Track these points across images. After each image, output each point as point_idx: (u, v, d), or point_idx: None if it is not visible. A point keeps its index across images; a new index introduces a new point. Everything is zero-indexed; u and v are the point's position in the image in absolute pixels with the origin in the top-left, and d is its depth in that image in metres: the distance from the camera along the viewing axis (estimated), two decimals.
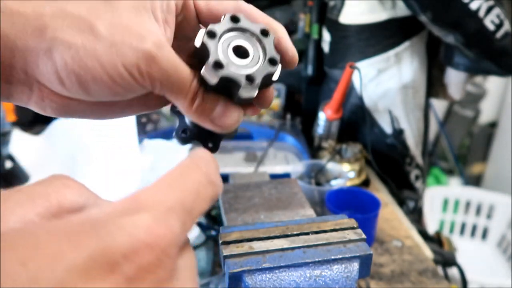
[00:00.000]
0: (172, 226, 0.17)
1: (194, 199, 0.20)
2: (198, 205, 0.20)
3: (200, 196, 0.20)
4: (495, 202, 1.74)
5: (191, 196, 0.19)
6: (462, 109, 2.20)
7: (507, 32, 0.88)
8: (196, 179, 0.21)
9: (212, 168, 0.23)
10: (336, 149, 0.95)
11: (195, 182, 0.20)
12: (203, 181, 0.21)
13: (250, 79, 0.30)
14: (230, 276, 0.32)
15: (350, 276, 0.34)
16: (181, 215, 0.18)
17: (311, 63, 1.13)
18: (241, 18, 0.32)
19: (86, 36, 0.27)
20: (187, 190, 0.20)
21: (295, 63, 0.33)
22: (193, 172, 0.21)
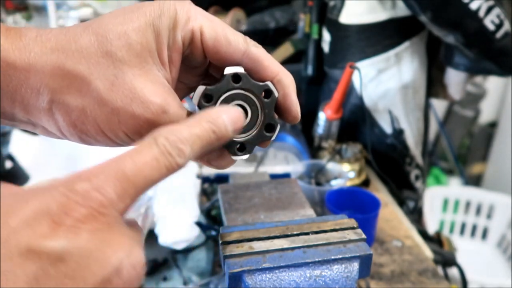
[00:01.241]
0: (105, 191, 0.20)
1: (140, 168, 0.21)
2: (144, 175, 0.22)
3: (148, 166, 0.22)
4: (495, 202, 1.74)
5: (135, 167, 0.21)
6: (462, 109, 2.20)
7: (507, 32, 0.88)
8: (147, 152, 0.22)
9: (180, 137, 0.23)
10: (336, 149, 0.95)
11: (144, 155, 0.22)
12: (155, 153, 0.22)
13: (241, 148, 0.32)
14: (230, 276, 0.32)
15: (350, 276, 0.34)
16: (118, 183, 0.21)
17: (311, 63, 1.13)
18: (243, 77, 0.31)
19: (87, 100, 0.27)
20: (133, 162, 0.21)
21: (297, 121, 0.33)
22: (146, 147, 0.22)
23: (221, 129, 0.25)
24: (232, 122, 0.26)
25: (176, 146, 0.23)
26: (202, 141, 0.24)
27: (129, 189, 0.21)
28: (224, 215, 0.45)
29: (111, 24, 0.27)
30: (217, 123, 0.25)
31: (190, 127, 0.24)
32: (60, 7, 1.33)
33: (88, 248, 0.19)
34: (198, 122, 0.25)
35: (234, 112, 0.27)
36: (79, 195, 0.19)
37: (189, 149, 0.23)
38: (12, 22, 1.32)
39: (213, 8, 1.48)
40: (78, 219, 0.19)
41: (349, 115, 1.06)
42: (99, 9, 1.35)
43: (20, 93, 0.26)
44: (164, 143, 0.23)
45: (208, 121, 0.25)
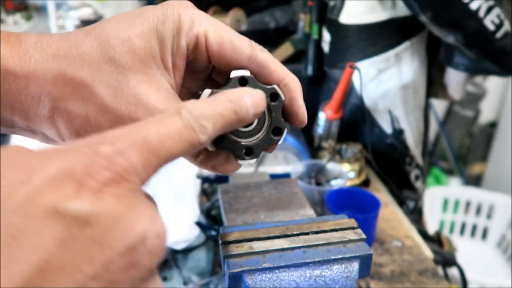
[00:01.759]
0: (129, 158, 0.19)
1: (163, 139, 0.21)
2: (167, 146, 0.21)
3: (172, 137, 0.21)
4: (495, 202, 1.74)
5: (159, 137, 0.21)
6: (462, 109, 2.20)
7: (507, 32, 0.88)
8: (170, 123, 0.21)
9: (203, 112, 0.23)
10: (336, 149, 0.95)
11: (167, 126, 0.21)
12: (178, 125, 0.21)
13: (248, 152, 0.31)
14: (230, 276, 0.32)
15: (350, 276, 0.34)
16: (142, 151, 0.20)
17: (311, 63, 1.13)
18: (250, 80, 0.30)
19: (90, 107, 0.26)
20: (157, 131, 0.21)
21: (303, 125, 0.33)
22: (169, 117, 0.22)
23: (243, 110, 0.25)
24: (254, 104, 0.25)
25: (199, 121, 0.22)
26: (224, 120, 0.24)
27: (152, 159, 0.20)
28: (224, 215, 0.45)
29: (113, 29, 0.27)
30: (240, 103, 0.24)
31: (213, 104, 0.23)
32: (60, 7, 1.33)
33: (113, 213, 0.18)
34: (221, 101, 0.24)
35: (257, 95, 0.26)
36: (103, 158, 0.19)
37: (211, 126, 0.23)
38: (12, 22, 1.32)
39: (213, 8, 1.48)
40: (102, 182, 0.18)
41: (349, 115, 1.06)
42: (99, 9, 1.35)
43: (20, 100, 0.26)
44: (187, 117, 0.22)
45: (231, 100, 0.24)
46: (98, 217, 0.17)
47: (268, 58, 0.31)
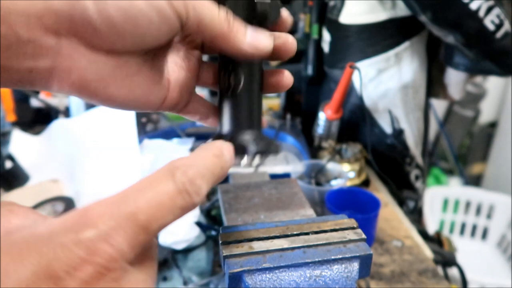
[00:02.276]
0: (115, 241, 0.18)
1: (154, 212, 0.19)
2: (158, 218, 0.19)
3: (164, 208, 0.19)
4: (495, 202, 1.74)
5: (149, 210, 0.19)
6: (462, 109, 2.20)
7: (507, 32, 0.88)
8: (162, 190, 0.20)
9: (198, 172, 0.21)
10: (336, 149, 0.95)
11: (159, 194, 0.19)
12: (171, 191, 0.20)
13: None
14: (230, 276, 0.32)
15: (350, 276, 0.34)
16: (130, 231, 0.18)
17: (311, 63, 1.13)
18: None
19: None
20: (146, 203, 0.19)
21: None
22: (161, 182, 0.20)
23: (227, 164, 0.24)
24: (231, 157, 0.25)
25: (195, 183, 0.20)
26: (214, 177, 0.23)
27: (141, 237, 0.19)
28: (224, 215, 0.45)
29: None
30: (224, 158, 0.24)
31: (205, 161, 0.22)
32: None
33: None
34: (208, 157, 0.23)
35: (229, 146, 0.26)
36: (84, 249, 0.17)
37: (205, 186, 0.21)
38: None
39: None
40: (83, 279, 0.17)
41: (349, 115, 1.06)
42: None
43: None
44: (182, 179, 0.20)
45: (216, 155, 0.24)
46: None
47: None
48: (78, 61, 0.26)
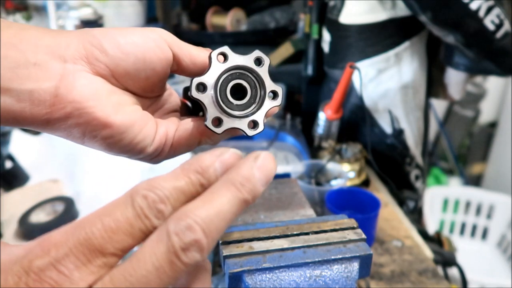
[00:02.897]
0: (66, 267, 0.18)
1: (109, 236, 0.19)
2: (114, 242, 0.19)
3: (120, 231, 0.19)
4: (495, 202, 1.74)
5: (104, 236, 0.19)
6: (462, 109, 2.20)
7: (507, 32, 0.88)
8: (120, 214, 0.20)
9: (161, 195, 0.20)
10: (336, 149, 0.95)
11: (116, 218, 0.20)
12: (129, 216, 0.20)
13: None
14: (230, 276, 0.32)
15: (350, 276, 0.33)
16: (82, 256, 0.19)
17: (311, 63, 1.13)
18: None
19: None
20: (101, 229, 0.19)
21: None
22: (120, 207, 0.20)
23: (211, 179, 0.22)
24: (223, 167, 0.23)
25: (154, 207, 0.20)
26: (186, 197, 0.21)
27: (95, 259, 0.19)
28: None
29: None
30: (208, 174, 0.22)
31: (175, 180, 0.21)
32: (60, 7, 1.32)
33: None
34: (186, 174, 0.22)
35: (230, 156, 0.23)
36: (34, 276, 0.18)
37: (169, 209, 0.20)
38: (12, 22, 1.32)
39: (213, 8, 1.48)
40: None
41: (349, 115, 1.06)
42: (99, 9, 1.35)
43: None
44: (141, 204, 0.20)
45: (197, 172, 0.22)
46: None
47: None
48: (80, 80, 0.29)
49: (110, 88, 0.31)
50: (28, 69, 0.27)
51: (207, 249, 0.19)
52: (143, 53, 0.31)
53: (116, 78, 0.31)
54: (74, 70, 0.29)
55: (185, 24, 1.53)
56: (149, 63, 0.32)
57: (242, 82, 0.32)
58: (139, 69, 0.31)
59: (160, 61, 0.32)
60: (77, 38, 0.30)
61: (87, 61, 0.30)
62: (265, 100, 0.32)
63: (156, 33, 0.32)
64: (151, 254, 0.19)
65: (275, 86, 0.32)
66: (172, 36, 0.33)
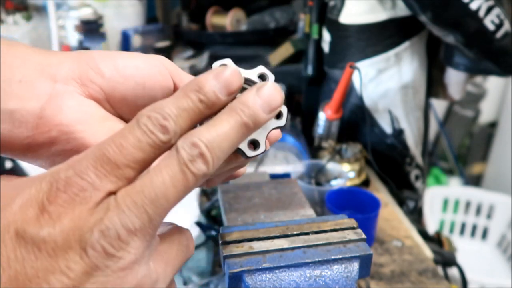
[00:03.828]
0: (87, 175, 0.21)
1: (119, 150, 0.21)
2: (124, 154, 0.22)
3: (129, 147, 0.22)
4: (495, 202, 1.74)
5: (116, 149, 0.21)
6: (462, 109, 2.20)
7: (507, 32, 0.88)
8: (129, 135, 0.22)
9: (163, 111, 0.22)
10: (336, 149, 0.95)
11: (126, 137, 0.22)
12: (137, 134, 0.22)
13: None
14: (230, 276, 0.32)
15: (350, 276, 0.34)
16: (98, 166, 0.21)
17: (311, 63, 1.13)
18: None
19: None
20: (113, 144, 0.22)
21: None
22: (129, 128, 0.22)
23: (210, 97, 0.24)
24: (223, 85, 0.24)
25: (158, 123, 0.22)
26: (189, 114, 0.23)
27: (111, 170, 0.21)
28: (224, 215, 0.45)
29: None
30: (205, 90, 0.23)
31: (177, 100, 0.23)
32: (60, 7, 1.33)
33: (67, 231, 0.20)
34: (185, 93, 0.23)
35: (226, 72, 0.24)
36: (62, 182, 0.21)
37: (172, 124, 0.22)
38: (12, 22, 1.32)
39: (213, 8, 1.48)
40: (60, 204, 0.20)
41: (349, 115, 1.06)
42: (99, 9, 1.35)
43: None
44: (145, 122, 0.22)
45: (195, 90, 0.23)
46: (53, 236, 0.20)
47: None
48: (69, 101, 0.28)
49: (102, 113, 0.29)
50: (11, 86, 0.26)
51: (212, 164, 0.22)
52: (144, 78, 0.30)
53: (110, 103, 0.30)
54: (64, 91, 0.27)
55: (185, 24, 1.53)
56: (149, 90, 0.30)
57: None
58: (137, 95, 0.30)
59: (161, 89, 0.31)
60: (72, 58, 0.28)
61: (80, 83, 0.28)
62: (272, 120, 0.29)
63: (159, 61, 0.31)
64: (165, 166, 0.22)
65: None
66: (174, 65, 0.32)
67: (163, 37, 1.48)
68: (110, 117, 0.30)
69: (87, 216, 0.20)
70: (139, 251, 0.21)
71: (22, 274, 0.19)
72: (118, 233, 0.20)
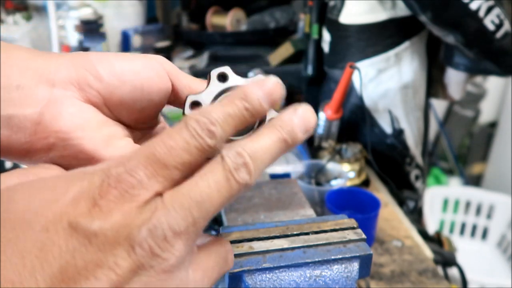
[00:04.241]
0: (136, 173, 0.21)
1: (169, 152, 0.22)
2: (173, 156, 0.22)
3: (178, 149, 0.22)
4: (495, 202, 1.74)
5: (165, 150, 0.22)
6: (462, 109, 2.20)
7: (507, 32, 0.88)
8: (176, 134, 0.22)
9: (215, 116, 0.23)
10: (336, 149, 0.95)
11: (175, 139, 0.22)
12: (186, 136, 0.22)
13: None
14: (230, 276, 0.32)
15: (350, 276, 0.34)
16: (149, 166, 0.21)
17: (311, 63, 1.13)
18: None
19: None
20: (163, 145, 0.22)
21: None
22: (176, 129, 0.23)
23: (255, 105, 0.25)
24: (266, 95, 0.25)
25: (206, 128, 0.22)
26: (235, 120, 0.24)
27: (159, 170, 0.21)
28: (224, 215, 0.45)
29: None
30: (251, 99, 0.24)
31: (223, 107, 0.24)
32: (60, 7, 1.33)
33: (118, 226, 0.20)
34: (232, 101, 0.24)
35: (269, 83, 0.25)
36: (113, 178, 0.21)
37: (219, 130, 0.23)
38: (12, 22, 1.32)
39: (213, 8, 1.48)
40: (111, 200, 0.21)
41: (349, 115, 1.06)
42: (99, 9, 1.35)
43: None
44: (194, 126, 0.22)
45: (241, 98, 0.24)
46: (104, 229, 0.20)
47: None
48: (68, 107, 0.28)
49: (101, 118, 0.29)
50: (9, 92, 0.26)
51: (254, 174, 0.23)
52: (141, 82, 0.30)
53: (109, 107, 0.30)
54: (63, 96, 0.27)
55: (185, 24, 1.53)
56: (147, 93, 0.30)
57: None
58: (135, 99, 0.30)
59: (159, 92, 0.31)
60: (70, 62, 0.28)
61: (78, 87, 0.28)
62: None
63: (157, 62, 0.31)
64: (210, 172, 0.22)
65: (275, 113, 0.30)
66: (173, 66, 0.32)
67: (163, 37, 1.48)
68: (108, 122, 0.30)
69: (136, 214, 0.21)
70: (182, 255, 0.21)
71: (72, 265, 0.19)
72: (164, 233, 0.20)
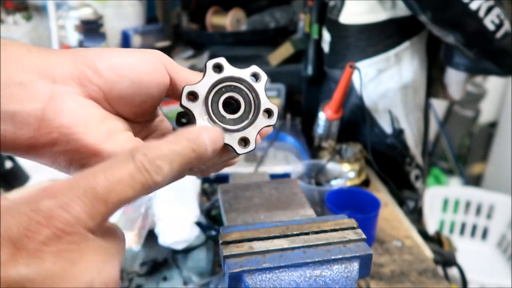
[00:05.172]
0: (73, 209, 0.19)
1: (112, 186, 0.21)
2: (117, 192, 0.21)
3: (122, 183, 0.21)
4: (495, 202, 1.74)
5: (108, 184, 0.21)
6: (462, 109, 2.20)
7: (507, 32, 0.88)
8: (121, 168, 0.22)
9: (159, 153, 0.23)
10: (336, 149, 0.95)
11: (118, 171, 0.21)
12: (130, 169, 0.22)
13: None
14: (230, 276, 0.32)
15: (350, 276, 0.34)
16: (87, 201, 0.20)
17: (311, 63, 1.13)
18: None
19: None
20: (105, 178, 0.21)
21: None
22: (121, 162, 0.22)
23: (201, 148, 0.25)
24: (212, 141, 0.26)
25: (154, 162, 0.22)
26: (182, 159, 0.24)
27: (99, 207, 0.20)
28: (224, 215, 0.45)
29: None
30: (198, 141, 0.25)
31: (170, 144, 0.24)
32: (60, 7, 1.32)
33: (52, 272, 0.18)
34: (178, 140, 0.24)
35: (214, 131, 0.26)
36: (42, 215, 0.19)
37: (167, 166, 0.23)
38: (12, 22, 1.32)
39: (213, 8, 1.48)
40: (41, 241, 0.18)
41: (349, 115, 1.06)
42: (99, 9, 1.35)
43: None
44: (141, 159, 0.22)
45: (188, 139, 0.25)
46: (34, 280, 0.17)
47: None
48: (69, 103, 0.28)
49: (102, 113, 0.30)
50: (11, 88, 0.25)
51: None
52: (139, 76, 0.30)
53: (109, 102, 0.30)
54: (64, 92, 0.27)
55: (185, 24, 1.53)
56: (145, 87, 0.30)
57: (235, 95, 0.30)
58: (134, 93, 0.30)
59: (157, 85, 0.31)
60: (70, 58, 0.28)
61: (78, 83, 0.28)
62: (259, 118, 0.31)
63: (154, 56, 0.31)
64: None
65: (270, 104, 0.31)
66: (170, 60, 0.32)
67: (163, 37, 1.48)
68: (109, 117, 0.30)
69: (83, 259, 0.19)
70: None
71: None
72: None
